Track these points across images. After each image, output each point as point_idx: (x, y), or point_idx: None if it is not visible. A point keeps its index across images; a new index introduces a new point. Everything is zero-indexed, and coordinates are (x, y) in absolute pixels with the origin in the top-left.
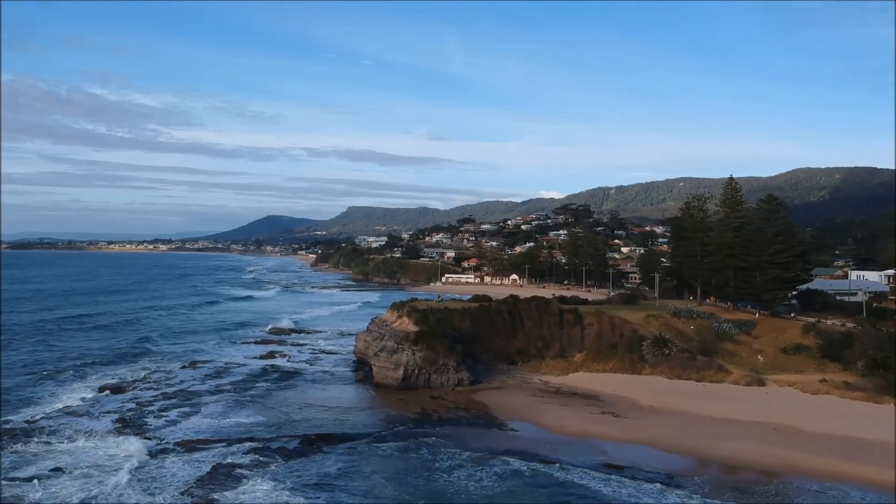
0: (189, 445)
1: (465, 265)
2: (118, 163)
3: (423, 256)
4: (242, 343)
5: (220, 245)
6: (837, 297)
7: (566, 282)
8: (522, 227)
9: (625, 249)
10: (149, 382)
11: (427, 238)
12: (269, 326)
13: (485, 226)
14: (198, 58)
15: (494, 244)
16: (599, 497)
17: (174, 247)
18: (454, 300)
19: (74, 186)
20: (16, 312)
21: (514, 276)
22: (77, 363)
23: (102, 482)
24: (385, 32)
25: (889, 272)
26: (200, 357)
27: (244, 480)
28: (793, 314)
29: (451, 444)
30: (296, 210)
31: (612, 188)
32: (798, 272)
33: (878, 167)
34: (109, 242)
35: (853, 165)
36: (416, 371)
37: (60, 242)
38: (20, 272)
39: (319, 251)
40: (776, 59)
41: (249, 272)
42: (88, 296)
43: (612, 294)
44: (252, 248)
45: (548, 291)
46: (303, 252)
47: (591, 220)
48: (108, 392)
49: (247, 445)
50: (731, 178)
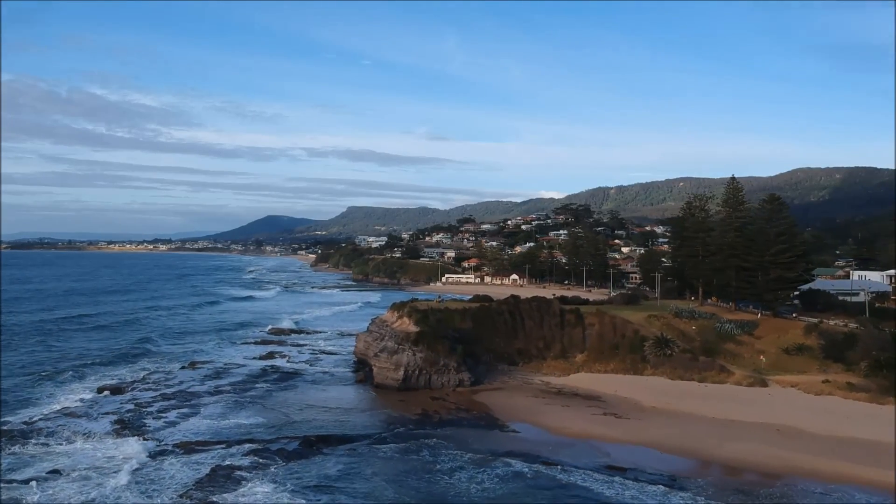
0: (188, 447)
1: (466, 265)
2: (118, 163)
3: (424, 256)
4: (242, 343)
5: (220, 245)
6: (840, 298)
7: (566, 282)
8: (522, 227)
9: (625, 249)
10: (148, 383)
11: (427, 238)
12: (269, 327)
13: (485, 226)
14: (198, 58)
15: (494, 244)
16: (602, 499)
17: (174, 247)
18: (454, 300)
19: (74, 186)
20: (15, 313)
21: (515, 277)
22: (76, 364)
23: (101, 484)
24: (385, 32)
25: (891, 272)
26: (200, 358)
27: (244, 482)
28: (795, 314)
29: (453, 446)
30: (296, 210)
31: (612, 188)
32: (800, 272)
33: (878, 167)
34: (109, 242)
35: (853, 165)
36: (417, 372)
37: (60, 242)
38: (20, 272)
39: (319, 251)
40: (776, 59)
41: (249, 272)
42: (88, 296)
43: (613, 294)
44: (252, 249)
45: (548, 291)
46: (303, 252)
47: (592, 220)
48: (107, 393)
49: (246, 447)
50: (733, 178)
